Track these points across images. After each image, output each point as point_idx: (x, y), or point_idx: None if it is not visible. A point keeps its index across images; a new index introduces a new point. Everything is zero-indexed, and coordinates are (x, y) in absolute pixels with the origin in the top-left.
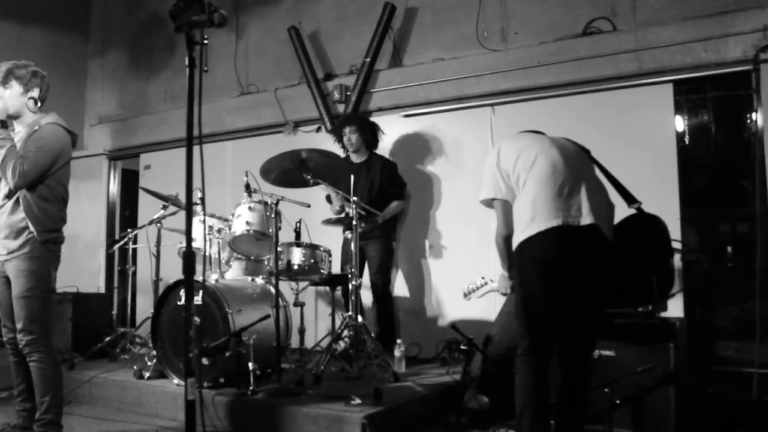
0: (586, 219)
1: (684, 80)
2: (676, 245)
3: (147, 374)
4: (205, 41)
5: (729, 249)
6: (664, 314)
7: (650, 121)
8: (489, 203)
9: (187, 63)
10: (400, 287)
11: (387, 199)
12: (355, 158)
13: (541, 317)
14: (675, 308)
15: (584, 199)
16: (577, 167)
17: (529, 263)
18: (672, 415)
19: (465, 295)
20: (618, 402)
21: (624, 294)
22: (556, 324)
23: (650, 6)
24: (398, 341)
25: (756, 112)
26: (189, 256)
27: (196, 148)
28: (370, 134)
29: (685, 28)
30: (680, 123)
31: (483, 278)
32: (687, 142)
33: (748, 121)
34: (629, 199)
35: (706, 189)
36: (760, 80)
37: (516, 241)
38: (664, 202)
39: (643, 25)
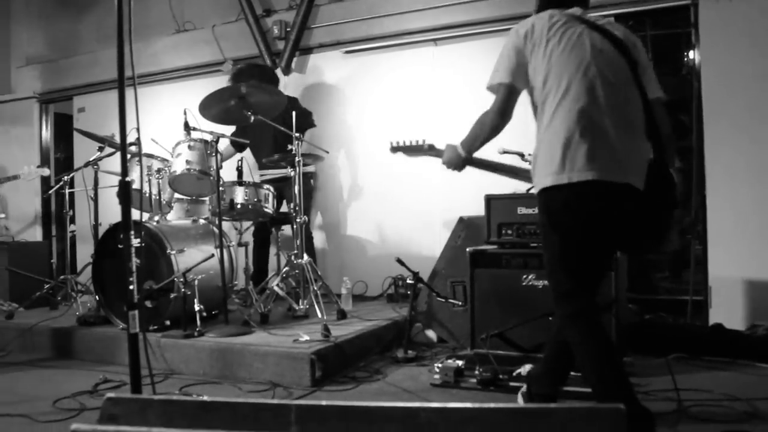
0: (627, 175)
1: (625, 15)
2: None
3: (90, 320)
4: None
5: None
6: None
7: None
8: (496, 88)
9: None
10: (347, 227)
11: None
12: None
13: (586, 267)
14: None
15: (625, 145)
16: (623, 97)
17: (563, 213)
18: (613, 340)
19: (392, 148)
20: None
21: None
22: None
23: None
24: (344, 279)
25: (694, 48)
26: (125, 186)
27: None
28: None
29: None
30: None
31: (423, 141)
32: None
33: (685, 58)
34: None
35: None
36: (698, 15)
37: (541, 182)
38: None
39: None
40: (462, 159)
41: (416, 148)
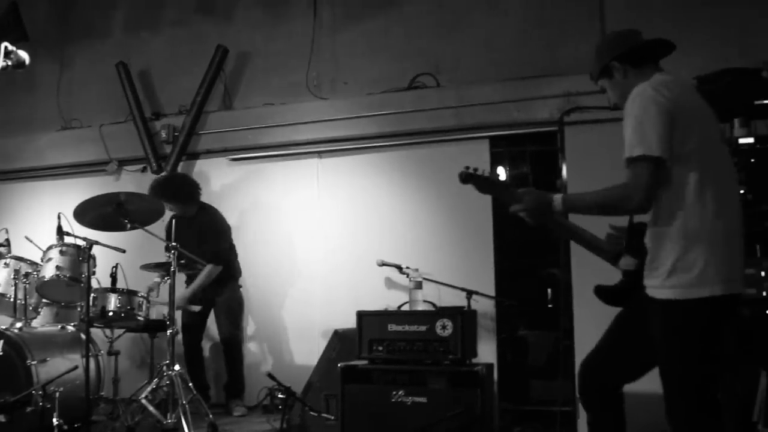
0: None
1: (500, 137)
2: (490, 292)
3: None
4: None
5: (548, 293)
6: (474, 360)
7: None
8: (639, 164)
9: None
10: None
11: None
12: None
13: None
14: (487, 354)
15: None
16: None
17: (708, 330)
18: None
19: (465, 174)
20: None
21: None
22: None
23: (470, 66)
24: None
25: (561, 169)
26: None
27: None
28: (184, 196)
29: (501, 88)
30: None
31: (503, 175)
32: None
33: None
34: None
35: (519, 237)
36: (564, 140)
37: (689, 293)
38: (479, 251)
39: (464, 83)
40: (553, 212)
41: (492, 183)
